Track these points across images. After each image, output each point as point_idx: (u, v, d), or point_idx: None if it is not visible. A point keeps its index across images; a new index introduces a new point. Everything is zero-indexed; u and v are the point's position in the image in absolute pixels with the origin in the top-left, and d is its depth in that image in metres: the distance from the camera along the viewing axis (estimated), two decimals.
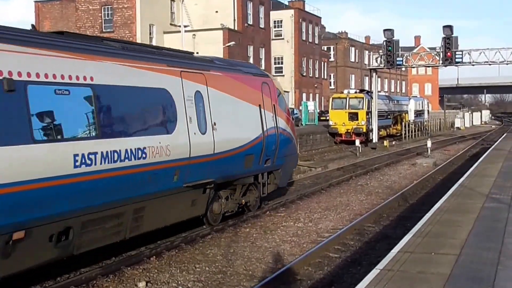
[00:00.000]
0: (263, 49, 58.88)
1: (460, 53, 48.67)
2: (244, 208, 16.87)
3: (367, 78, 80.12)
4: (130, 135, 11.46)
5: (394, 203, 19.45)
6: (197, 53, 43.12)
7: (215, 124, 14.28)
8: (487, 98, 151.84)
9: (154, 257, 12.76)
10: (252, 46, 56.25)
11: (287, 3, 71.10)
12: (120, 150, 11.04)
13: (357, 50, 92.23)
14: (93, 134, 10.60)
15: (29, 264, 9.82)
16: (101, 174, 10.57)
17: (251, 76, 16.97)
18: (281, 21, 66.53)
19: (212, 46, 46.84)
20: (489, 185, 18.13)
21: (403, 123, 60.03)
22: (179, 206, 13.45)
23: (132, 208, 11.77)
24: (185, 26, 45.20)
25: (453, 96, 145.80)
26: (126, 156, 11.20)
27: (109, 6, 49.58)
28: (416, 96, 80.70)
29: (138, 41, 47.34)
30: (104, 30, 49.29)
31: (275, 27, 65.96)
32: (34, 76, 9.56)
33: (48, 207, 9.67)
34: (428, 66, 69.40)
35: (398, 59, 49.92)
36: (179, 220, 13.90)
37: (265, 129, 16.58)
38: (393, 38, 49.91)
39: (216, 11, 53.75)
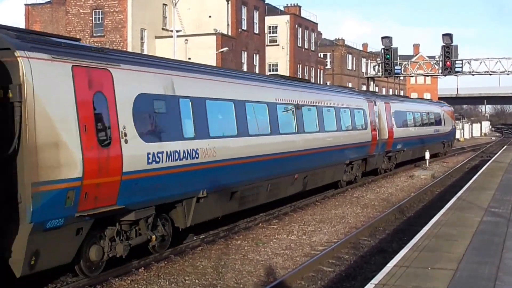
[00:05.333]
0: (258, 55, 58.27)
1: (460, 62, 48.59)
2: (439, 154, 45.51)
3: (364, 86, 79.58)
4: (430, 126, 41.76)
5: (390, 216, 19.21)
6: (189, 58, 42.86)
7: (445, 124, 45.60)
8: (487, 109, 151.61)
9: (143, 268, 12.55)
10: (246, 52, 55.67)
11: (282, 9, 70.07)
12: (422, 133, 39.21)
13: (354, 58, 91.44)
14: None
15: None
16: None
17: (448, 107, 49.75)
18: (276, 26, 65.27)
19: (204, 52, 46.28)
20: (488, 199, 17.98)
21: None
22: (438, 146, 44.92)
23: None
24: (177, 31, 44.70)
25: (453, 106, 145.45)
26: (430, 133, 41.49)
27: (100, 10, 48.86)
28: None
29: (129, 46, 46.82)
30: (94, 34, 48.51)
31: (270, 33, 64.84)
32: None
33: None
34: (427, 75, 69.31)
35: (396, 67, 49.82)
36: (437, 151, 44.91)
37: (452, 125, 49.08)
38: (392, 46, 49.80)
39: (210, 16, 53.15)
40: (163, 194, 12.78)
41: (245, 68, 53.47)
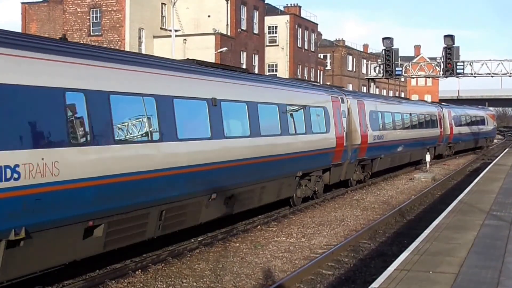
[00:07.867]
0: (257, 55, 57.86)
1: (462, 64, 48.37)
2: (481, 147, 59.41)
3: (364, 88, 79.22)
4: (477, 125, 55.39)
5: (390, 219, 19.06)
6: (187, 59, 42.59)
7: (487, 124, 60.19)
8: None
9: (140, 270, 12.45)
10: (245, 53, 55.28)
11: (282, 9, 69.28)
12: (471, 130, 53.62)
13: (354, 59, 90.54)
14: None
15: None
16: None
17: (490, 111, 69.21)
18: (276, 27, 64.59)
19: (203, 52, 45.90)
20: (489, 202, 17.81)
21: None
22: (482, 141, 58.76)
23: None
24: (176, 31, 44.49)
25: None
26: (477, 130, 55.52)
27: (98, 9, 48.40)
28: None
29: (127, 45, 46.52)
30: (91, 34, 48.04)
31: (269, 33, 64.16)
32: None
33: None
34: (428, 77, 69.11)
35: (397, 69, 49.62)
36: (479, 145, 58.28)
37: (493, 125, 65.14)
38: (392, 47, 49.55)
39: (208, 16, 52.79)
40: (371, 154, 27.19)
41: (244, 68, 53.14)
